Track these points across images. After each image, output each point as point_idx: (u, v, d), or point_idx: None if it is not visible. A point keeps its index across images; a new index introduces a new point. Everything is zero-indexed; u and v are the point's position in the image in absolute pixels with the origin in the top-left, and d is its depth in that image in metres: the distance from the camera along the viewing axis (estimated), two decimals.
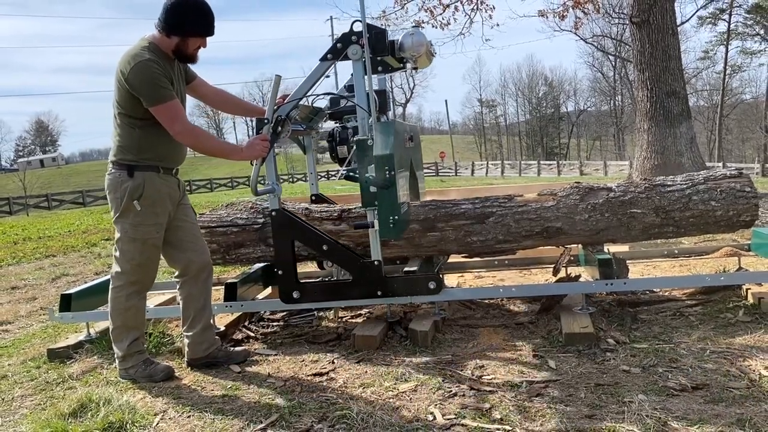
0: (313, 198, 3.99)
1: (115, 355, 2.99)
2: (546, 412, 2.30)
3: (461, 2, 10.90)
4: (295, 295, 3.24)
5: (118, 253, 2.93)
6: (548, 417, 2.26)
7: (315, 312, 3.78)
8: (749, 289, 3.44)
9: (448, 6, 10.95)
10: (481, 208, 3.41)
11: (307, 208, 3.67)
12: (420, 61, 3.22)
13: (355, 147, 2.97)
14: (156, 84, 2.73)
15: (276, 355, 3.18)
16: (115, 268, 2.95)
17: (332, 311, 3.74)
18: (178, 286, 3.10)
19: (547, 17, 12.16)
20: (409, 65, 3.28)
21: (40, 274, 6.49)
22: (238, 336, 3.52)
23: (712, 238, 5.07)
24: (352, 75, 3.23)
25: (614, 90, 54.40)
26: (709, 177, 3.40)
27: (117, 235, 2.92)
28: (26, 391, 2.95)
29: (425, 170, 41.10)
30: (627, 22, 10.18)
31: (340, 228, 3.59)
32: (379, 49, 3.07)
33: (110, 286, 2.97)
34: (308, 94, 3.17)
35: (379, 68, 3.21)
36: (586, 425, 2.16)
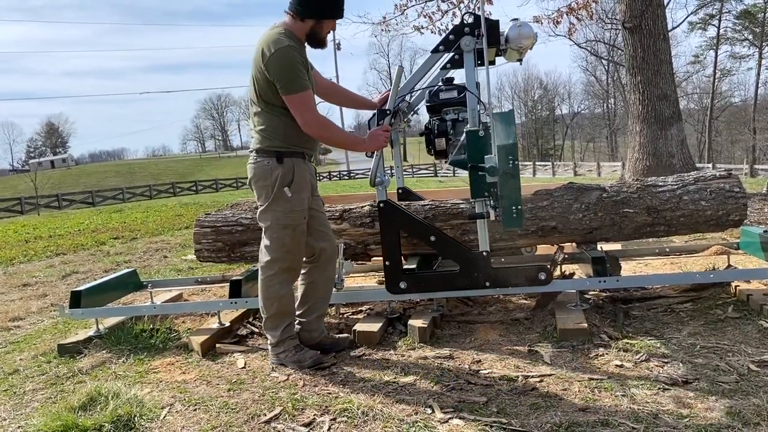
0: (400, 192, 3.92)
1: (269, 342, 3.01)
2: (541, 405, 2.34)
3: (459, 8, 10.94)
4: (402, 285, 3.22)
5: (268, 242, 2.89)
6: (543, 410, 2.29)
7: None
8: (738, 286, 3.47)
9: (446, 12, 10.98)
10: None
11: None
12: (524, 53, 3.17)
13: (464, 138, 2.87)
14: (294, 72, 2.71)
15: None
16: (266, 257, 2.92)
17: (333, 308, 3.80)
18: (303, 271, 3.10)
19: (542, 23, 12.18)
20: (505, 58, 3.23)
21: (51, 271, 6.51)
22: (243, 332, 3.56)
23: (702, 237, 5.11)
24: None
25: (607, 93, 54.59)
26: (699, 178, 3.44)
27: (266, 223, 2.89)
28: (37, 385, 2.99)
29: (425, 171, 41.04)
30: (620, 28, 10.27)
31: (341, 227, 3.66)
32: (491, 41, 3.03)
33: (261, 276, 2.95)
34: (416, 87, 3.16)
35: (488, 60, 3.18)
36: (580, 418, 2.19)
